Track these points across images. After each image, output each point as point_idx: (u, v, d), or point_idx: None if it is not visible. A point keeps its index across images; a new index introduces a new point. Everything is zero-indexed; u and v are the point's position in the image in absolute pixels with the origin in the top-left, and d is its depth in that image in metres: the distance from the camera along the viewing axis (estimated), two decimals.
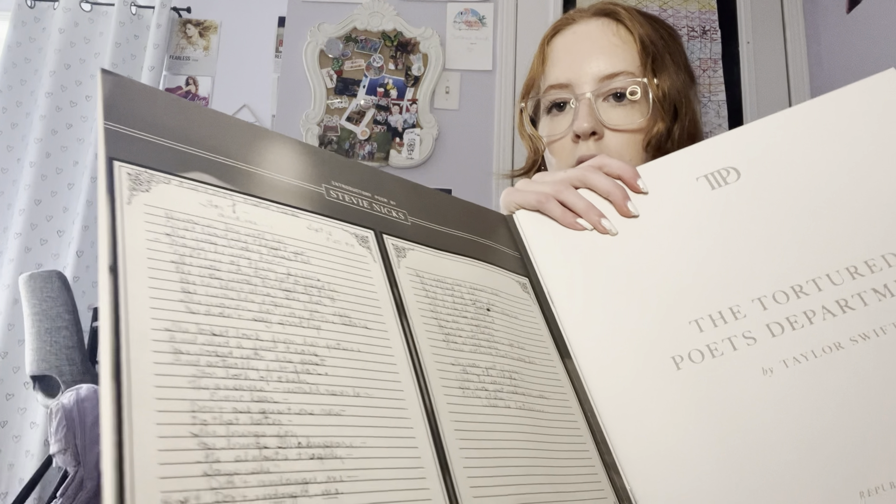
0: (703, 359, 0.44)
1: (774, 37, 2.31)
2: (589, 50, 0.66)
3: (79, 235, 2.87)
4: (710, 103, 2.27)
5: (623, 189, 0.50)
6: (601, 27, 0.67)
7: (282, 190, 0.35)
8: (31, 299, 2.08)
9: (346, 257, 0.35)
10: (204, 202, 0.31)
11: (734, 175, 0.49)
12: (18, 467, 2.70)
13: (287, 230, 0.33)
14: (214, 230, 0.30)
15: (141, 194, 0.29)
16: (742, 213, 0.47)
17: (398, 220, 0.40)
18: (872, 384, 0.40)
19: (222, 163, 0.33)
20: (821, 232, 0.45)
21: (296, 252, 0.33)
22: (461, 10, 2.35)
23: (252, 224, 0.32)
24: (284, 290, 0.31)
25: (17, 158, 3.02)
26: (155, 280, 0.27)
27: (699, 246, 0.47)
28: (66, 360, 1.97)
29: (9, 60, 3.05)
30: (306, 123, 2.25)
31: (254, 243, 0.31)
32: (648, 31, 0.67)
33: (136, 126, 0.30)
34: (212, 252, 0.30)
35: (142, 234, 0.28)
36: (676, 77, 0.67)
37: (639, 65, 0.65)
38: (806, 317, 0.43)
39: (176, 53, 3.23)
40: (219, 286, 0.29)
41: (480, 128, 2.26)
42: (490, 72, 2.31)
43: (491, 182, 2.20)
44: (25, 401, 2.77)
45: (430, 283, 0.39)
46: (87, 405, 1.40)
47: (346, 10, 2.35)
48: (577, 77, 0.66)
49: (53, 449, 1.38)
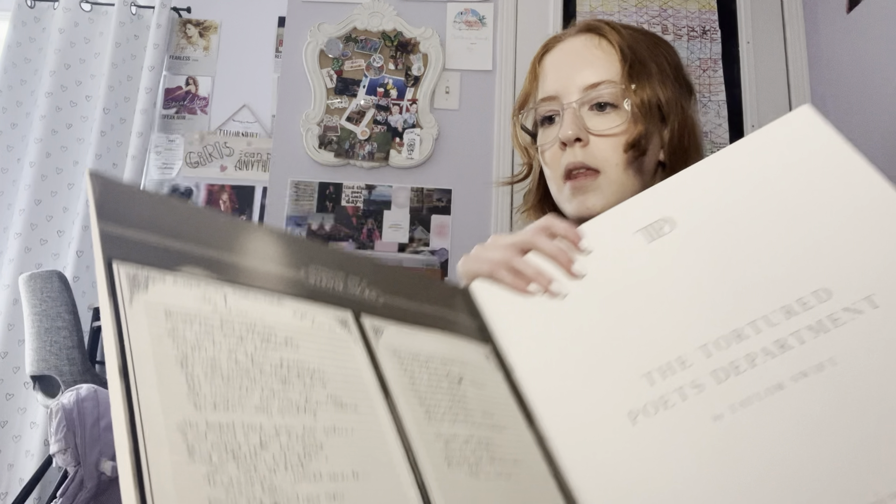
0: (657, 411, 0.44)
1: (774, 37, 2.31)
2: (574, 63, 0.71)
3: (79, 235, 2.87)
4: (710, 103, 2.27)
5: (567, 250, 0.52)
6: (585, 42, 0.72)
7: (266, 276, 0.37)
8: (31, 299, 2.08)
9: (330, 341, 0.38)
10: (198, 296, 0.33)
11: (669, 226, 0.50)
12: (18, 467, 2.70)
13: (276, 319, 0.35)
14: (211, 325, 0.32)
15: (140, 293, 0.30)
16: (680, 263, 0.49)
17: (371, 299, 0.43)
18: (815, 422, 0.41)
19: (210, 255, 0.35)
20: (755, 274, 0.46)
21: (286, 339, 0.35)
22: (461, 10, 2.35)
23: (244, 315, 0.34)
24: (280, 378, 0.33)
25: (17, 158, 3.02)
26: (163, 378, 0.28)
27: (642, 300, 0.48)
28: (66, 360, 1.97)
29: (9, 60, 3.05)
30: (306, 123, 2.25)
31: (247, 334, 0.33)
32: (630, 42, 0.70)
33: (128, 225, 0.32)
34: (211, 347, 0.31)
35: (146, 335, 0.29)
36: (661, 84, 0.69)
37: (620, 74, 0.69)
38: (747, 360, 0.44)
39: (176, 53, 3.23)
40: (221, 380, 0.30)
41: (480, 128, 2.27)
42: (490, 72, 2.31)
43: (490, 181, 2.20)
44: (25, 401, 2.77)
45: (406, 359, 0.42)
46: (87, 405, 1.41)
47: (346, 10, 2.35)
48: (564, 88, 0.70)
49: (53, 449, 1.38)
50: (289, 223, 2.21)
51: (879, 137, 1.88)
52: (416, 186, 2.23)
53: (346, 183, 2.24)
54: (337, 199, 2.23)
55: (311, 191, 2.23)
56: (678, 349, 0.45)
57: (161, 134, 3.15)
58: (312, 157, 2.24)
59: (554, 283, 0.51)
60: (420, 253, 2.16)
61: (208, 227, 0.36)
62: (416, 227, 2.21)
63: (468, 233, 2.20)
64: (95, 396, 1.44)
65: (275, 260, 0.38)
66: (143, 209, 0.33)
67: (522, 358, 0.49)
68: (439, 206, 2.22)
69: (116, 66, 3.06)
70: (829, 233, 0.45)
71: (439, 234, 2.20)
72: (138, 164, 2.97)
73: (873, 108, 1.91)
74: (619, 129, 0.68)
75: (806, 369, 0.42)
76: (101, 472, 1.37)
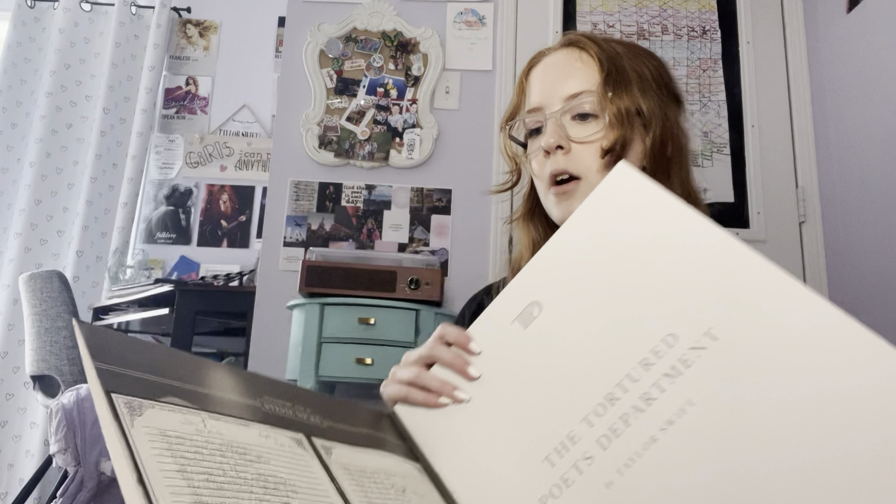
0: (562, 492, 0.46)
1: (774, 37, 2.31)
2: (556, 76, 0.75)
3: (79, 235, 2.87)
4: (710, 103, 2.27)
5: (462, 356, 0.55)
6: (567, 55, 0.76)
7: (231, 405, 0.43)
8: (31, 299, 2.08)
9: (293, 458, 0.43)
10: (182, 420, 0.38)
11: (538, 309, 0.53)
12: (18, 467, 2.70)
13: (246, 438, 0.41)
14: (197, 443, 0.38)
15: (138, 418, 0.36)
16: (553, 342, 0.51)
17: (318, 423, 0.48)
18: (690, 464, 0.43)
19: (185, 388, 0.41)
20: (615, 335, 0.49)
21: (258, 455, 0.40)
22: (461, 10, 2.35)
23: (221, 435, 0.40)
24: (262, 487, 0.38)
25: (17, 158, 3.02)
26: (171, 486, 0.34)
27: (530, 386, 0.51)
28: (67, 360, 1.97)
29: (9, 60, 3.05)
30: (306, 123, 2.25)
31: (227, 451, 0.39)
32: (610, 54, 0.73)
33: (117, 364, 0.38)
34: (203, 461, 0.37)
35: (150, 451, 0.34)
36: (642, 93, 0.72)
37: (599, 84, 0.72)
38: (623, 421, 0.46)
39: (176, 53, 3.23)
40: (216, 488, 0.35)
41: (480, 128, 2.26)
42: (490, 72, 2.31)
43: (491, 181, 2.20)
44: (25, 401, 2.77)
45: (356, 473, 0.47)
46: (87, 405, 1.40)
47: (346, 10, 2.35)
48: (548, 100, 0.74)
49: (53, 449, 1.38)
50: (289, 223, 2.21)
51: (879, 137, 1.88)
52: (416, 186, 2.23)
53: (346, 183, 2.24)
54: (337, 199, 2.23)
55: (311, 191, 2.23)
56: (567, 427, 0.48)
57: (161, 134, 3.15)
58: (312, 157, 2.24)
59: (457, 390, 0.54)
60: (420, 253, 2.16)
61: (180, 365, 0.42)
62: (416, 227, 2.21)
63: (468, 233, 2.20)
64: None
65: (236, 391, 0.44)
66: (126, 351, 0.39)
67: (448, 468, 0.52)
68: (439, 206, 2.22)
69: (116, 66, 3.06)
70: (667, 279, 0.48)
71: (439, 234, 2.20)
72: (138, 164, 2.97)
73: (873, 107, 1.91)
74: (598, 135, 0.71)
75: (670, 417, 0.44)
76: (101, 472, 1.37)
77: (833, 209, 2.10)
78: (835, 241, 2.08)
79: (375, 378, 1.69)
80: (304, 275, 1.78)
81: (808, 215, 2.15)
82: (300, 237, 2.20)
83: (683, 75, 2.29)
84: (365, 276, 1.78)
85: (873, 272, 1.89)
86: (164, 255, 3.01)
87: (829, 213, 2.12)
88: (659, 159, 0.72)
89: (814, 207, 2.15)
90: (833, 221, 2.09)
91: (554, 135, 0.71)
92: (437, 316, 1.77)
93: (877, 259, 1.88)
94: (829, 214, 2.12)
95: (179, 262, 2.99)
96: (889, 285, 1.82)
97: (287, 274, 2.15)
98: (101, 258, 2.91)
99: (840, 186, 2.07)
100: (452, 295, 2.12)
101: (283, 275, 2.16)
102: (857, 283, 1.96)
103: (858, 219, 1.97)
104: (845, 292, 2.02)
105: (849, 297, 2.00)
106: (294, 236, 2.20)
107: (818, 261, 2.11)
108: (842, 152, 2.07)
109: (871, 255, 1.91)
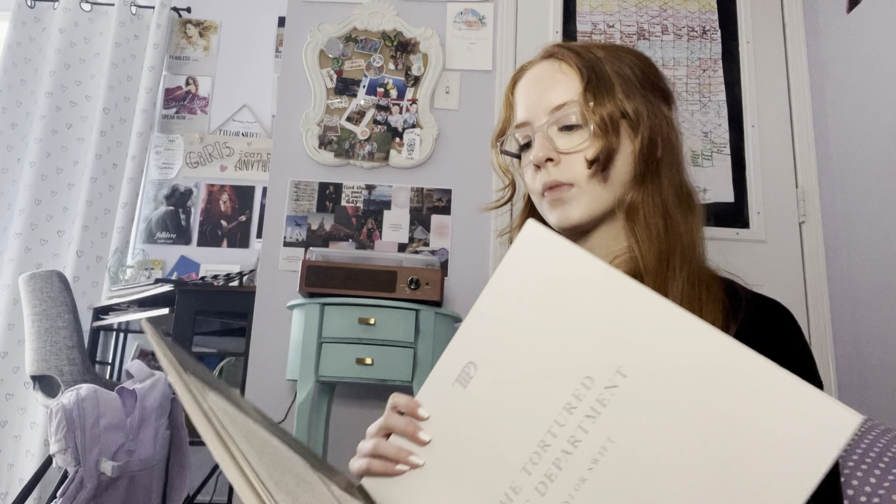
0: None
1: (774, 37, 2.31)
2: (539, 89, 0.75)
3: (79, 235, 2.87)
4: (710, 103, 2.27)
5: (413, 423, 0.58)
6: (547, 67, 0.76)
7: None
8: (31, 299, 2.08)
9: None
10: (227, 406, 0.45)
11: (473, 368, 0.56)
12: (18, 467, 2.70)
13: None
14: (239, 421, 0.45)
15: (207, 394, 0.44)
16: (490, 398, 0.54)
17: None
18: (617, 502, 0.45)
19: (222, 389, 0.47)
20: (542, 384, 0.51)
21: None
22: (461, 10, 2.35)
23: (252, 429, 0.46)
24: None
25: (17, 158, 3.02)
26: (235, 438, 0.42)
27: (475, 444, 0.53)
28: (66, 360, 1.97)
29: (9, 60, 3.05)
30: (306, 123, 2.25)
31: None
32: (589, 61, 0.74)
33: (180, 362, 0.45)
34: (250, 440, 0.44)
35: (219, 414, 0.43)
36: (626, 96, 0.72)
37: (581, 93, 0.72)
38: (556, 465, 0.48)
39: (176, 53, 3.23)
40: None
41: (480, 128, 2.26)
42: (490, 72, 2.31)
43: (490, 181, 2.20)
44: (25, 401, 2.77)
45: None
46: (87, 405, 1.40)
47: (346, 10, 2.35)
48: (533, 114, 0.75)
49: (53, 449, 1.38)
50: (289, 223, 2.21)
51: (880, 137, 1.88)
52: (416, 186, 2.23)
53: (346, 183, 2.24)
54: (337, 199, 2.23)
55: (311, 191, 2.23)
56: (509, 478, 0.50)
57: (161, 134, 3.15)
58: (312, 157, 2.24)
59: (412, 455, 0.57)
60: (420, 253, 2.16)
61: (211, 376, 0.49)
62: (416, 227, 2.21)
63: (468, 233, 2.20)
64: (95, 396, 1.44)
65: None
66: (185, 355, 0.47)
67: None
68: (439, 206, 2.22)
69: (116, 66, 3.06)
70: (579, 325, 0.51)
71: (439, 234, 2.20)
72: (138, 164, 2.97)
73: (873, 107, 1.91)
74: (584, 145, 0.71)
75: (595, 456, 0.46)
76: (101, 472, 1.37)
77: (833, 209, 2.10)
78: (835, 241, 2.08)
79: (375, 378, 1.69)
80: (304, 275, 1.78)
81: (808, 215, 2.15)
82: (300, 237, 2.20)
83: (683, 75, 2.29)
84: (365, 276, 1.78)
85: (873, 272, 1.89)
86: (164, 255, 3.01)
87: (829, 213, 2.12)
88: (649, 161, 0.72)
89: (814, 207, 2.15)
90: (833, 221, 2.09)
91: (542, 148, 0.72)
92: (438, 316, 1.77)
93: (877, 259, 1.88)
94: (829, 214, 2.12)
95: (179, 262, 3.00)
96: (889, 285, 1.82)
97: (287, 274, 2.15)
98: (101, 258, 2.91)
99: (840, 186, 2.07)
100: (452, 295, 2.12)
101: (283, 275, 2.16)
102: (857, 283, 1.96)
103: (858, 219, 1.97)
104: (845, 292, 2.02)
105: (849, 297, 2.00)
106: (294, 236, 2.20)
107: (818, 261, 2.11)
108: (842, 152, 2.07)
109: (871, 255, 1.91)
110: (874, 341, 1.88)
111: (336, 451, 2.04)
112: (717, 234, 2.13)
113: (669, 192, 0.71)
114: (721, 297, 0.66)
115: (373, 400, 2.09)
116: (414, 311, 1.73)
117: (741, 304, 0.66)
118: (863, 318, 1.93)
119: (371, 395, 2.10)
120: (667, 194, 0.71)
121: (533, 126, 0.75)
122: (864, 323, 1.92)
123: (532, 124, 0.75)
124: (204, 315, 2.14)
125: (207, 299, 2.13)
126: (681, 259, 0.67)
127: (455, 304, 2.10)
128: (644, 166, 0.71)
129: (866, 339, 1.91)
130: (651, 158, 0.72)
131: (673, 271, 0.67)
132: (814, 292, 2.09)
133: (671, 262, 0.67)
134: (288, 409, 2.05)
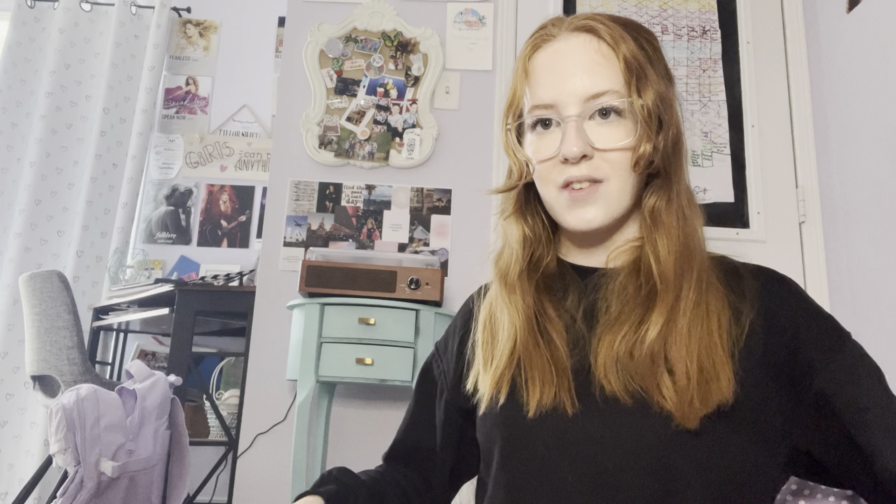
0: None
1: (774, 37, 2.31)
2: (572, 69, 0.65)
3: (79, 235, 2.87)
4: (710, 103, 2.27)
5: None
6: (583, 44, 0.66)
7: None
8: (31, 299, 2.08)
9: None
10: None
11: None
12: (18, 467, 2.70)
13: None
14: None
15: None
16: None
17: None
18: None
19: None
20: None
21: None
22: (461, 10, 2.35)
23: None
24: None
25: (17, 158, 3.02)
26: None
27: None
28: (66, 360, 1.96)
29: (9, 60, 3.04)
30: (306, 123, 2.25)
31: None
32: (631, 47, 0.65)
33: None
34: None
35: None
36: (659, 86, 0.65)
37: (623, 82, 0.64)
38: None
39: (176, 53, 3.23)
40: None
41: (480, 128, 2.26)
42: (490, 72, 2.31)
43: (491, 181, 2.20)
44: (25, 401, 2.77)
45: None
46: (87, 405, 1.40)
47: (346, 10, 2.35)
48: (562, 97, 0.65)
49: (53, 449, 1.38)
50: (289, 223, 2.21)
51: (880, 137, 1.88)
52: (416, 186, 2.23)
53: (346, 183, 2.24)
54: (337, 199, 2.23)
55: (311, 191, 2.23)
56: None
57: (161, 134, 3.15)
58: (312, 157, 2.24)
59: None
60: (420, 253, 2.16)
61: None
62: (416, 227, 2.21)
63: (468, 233, 2.20)
64: (95, 396, 1.44)
65: None
66: None
67: None
68: (439, 206, 2.22)
69: (116, 66, 3.06)
70: None
71: (439, 234, 2.20)
72: (138, 164, 2.97)
73: (873, 107, 1.91)
74: (627, 143, 0.64)
75: None
76: (101, 472, 1.37)
77: (833, 209, 2.10)
78: (835, 241, 2.08)
79: (375, 378, 1.69)
80: (304, 275, 1.78)
81: (808, 215, 2.15)
82: (300, 237, 2.20)
83: (683, 75, 2.29)
84: (365, 276, 1.78)
85: (873, 272, 1.89)
86: (164, 255, 3.01)
87: (829, 213, 2.12)
88: (674, 155, 0.66)
89: (814, 207, 2.15)
90: (833, 221, 2.09)
91: (577, 143, 0.63)
92: (437, 316, 1.77)
93: (877, 259, 1.88)
94: (829, 214, 2.12)
95: (179, 262, 2.99)
96: (889, 285, 1.82)
97: (287, 274, 2.15)
98: (101, 258, 2.91)
99: (840, 186, 2.07)
100: (452, 295, 2.12)
101: (283, 275, 2.16)
102: (857, 283, 1.96)
103: (858, 219, 1.97)
104: (845, 292, 2.02)
105: (849, 298, 2.00)
106: (294, 236, 2.20)
107: (818, 261, 2.11)
108: (842, 152, 2.07)
109: (871, 255, 1.91)
110: (874, 341, 1.88)
111: (336, 451, 2.04)
112: (717, 234, 2.13)
113: (682, 192, 0.67)
114: (724, 294, 0.64)
115: (373, 400, 2.09)
116: (414, 311, 1.73)
117: (744, 283, 0.65)
118: (862, 319, 1.93)
119: (371, 395, 2.10)
120: (682, 196, 0.66)
121: (561, 112, 0.65)
122: (864, 323, 1.92)
123: (559, 110, 0.65)
124: (204, 315, 2.14)
125: (207, 299, 2.13)
126: (690, 266, 0.63)
127: (455, 304, 2.10)
128: (668, 161, 0.66)
129: (866, 339, 1.90)
130: (676, 153, 0.66)
131: (689, 281, 0.62)
132: (814, 292, 2.09)
133: (686, 273, 0.62)
134: (288, 409, 2.05)
